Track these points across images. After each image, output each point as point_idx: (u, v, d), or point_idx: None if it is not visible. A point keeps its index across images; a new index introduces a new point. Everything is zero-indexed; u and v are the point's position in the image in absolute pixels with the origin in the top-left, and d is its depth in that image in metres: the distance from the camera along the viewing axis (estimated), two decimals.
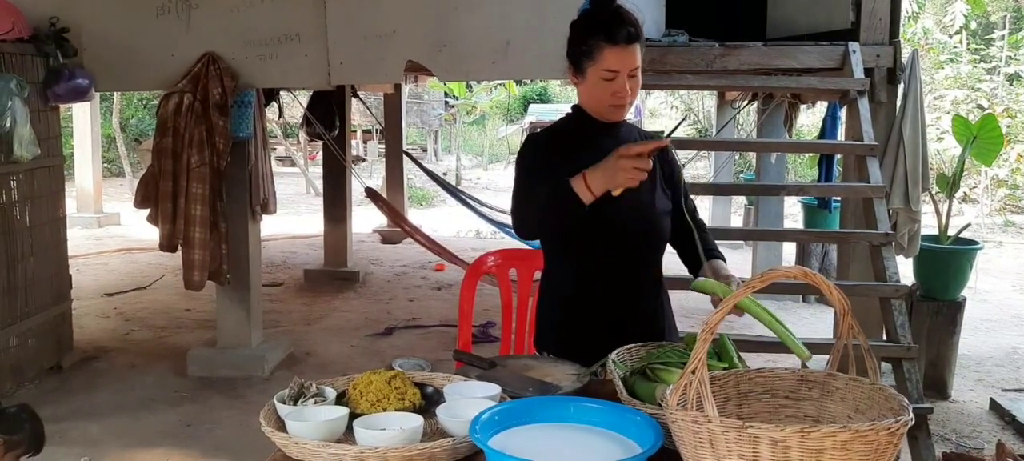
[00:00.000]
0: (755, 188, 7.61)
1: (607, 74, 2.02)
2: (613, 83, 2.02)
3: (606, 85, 2.03)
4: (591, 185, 1.94)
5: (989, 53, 11.83)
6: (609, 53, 2.00)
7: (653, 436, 1.39)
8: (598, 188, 1.95)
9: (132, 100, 14.67)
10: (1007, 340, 5.99)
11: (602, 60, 2.01)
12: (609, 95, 2.04)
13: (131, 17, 4.73)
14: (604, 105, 2.07)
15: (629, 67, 2.02)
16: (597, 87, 2.05)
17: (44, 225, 4.87)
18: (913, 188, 4.24)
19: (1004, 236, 10.18)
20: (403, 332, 6.03)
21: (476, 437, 1.38)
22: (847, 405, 1.48)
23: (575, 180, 1.96)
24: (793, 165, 12.53)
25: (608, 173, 1.92)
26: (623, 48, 2.00)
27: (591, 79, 2.05)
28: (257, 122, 5.01)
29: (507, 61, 4.54)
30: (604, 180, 1.94)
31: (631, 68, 2.02)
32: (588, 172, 1.95)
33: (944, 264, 4.98)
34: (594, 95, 2.07)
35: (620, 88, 2.03)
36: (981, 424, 4.47)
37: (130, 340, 5.73)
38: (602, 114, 2.10)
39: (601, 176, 1.94)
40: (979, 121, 5.27)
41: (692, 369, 1.28)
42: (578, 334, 2.15)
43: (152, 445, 4.05)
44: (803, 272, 1.39)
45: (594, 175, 1.94)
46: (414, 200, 12.37)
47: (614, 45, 1.99)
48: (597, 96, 2.07)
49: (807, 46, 4.28)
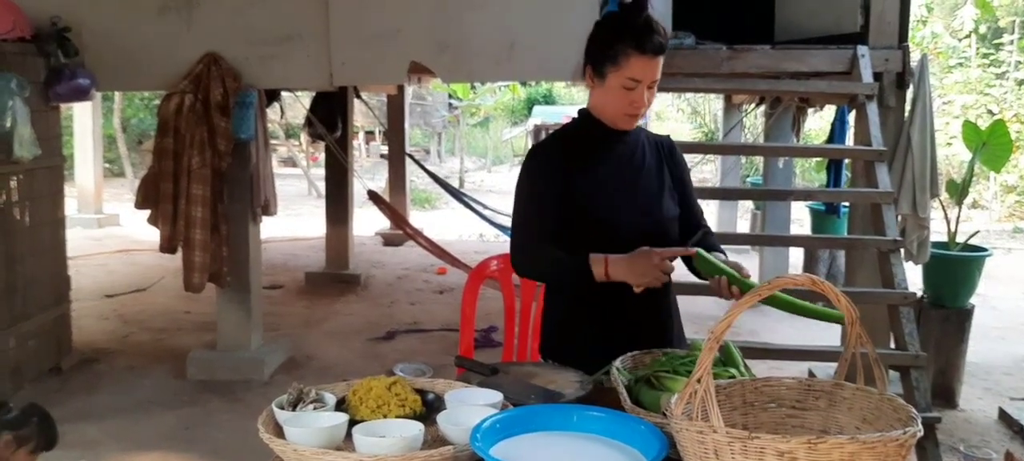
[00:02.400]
0: (762, 193, 7.56)
1: (630, 83, 1.98)
2: (634, 92, 1.99)
3: (626, 94, 1.99)
4: (611, 272, 1.95)
5: (999, 58, 11.79)
6: (636, 62, 1.96)
7: (657, 446, 1.37)
8: (618, 277, 1.95)
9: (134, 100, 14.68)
10: (1016, 348, 5.94)
11: (628, 68, 1.97)
12: (627, 103, 2.00)
13: (133, 17, 4.72)
14: (620, 113, 2.03)
15: (652, 78, 1.99)
16: (616, 93, 2.00)
17: (44, 226, 4.85)
18: (921, 194, 4.20)
19: (1013, 243, 10.12)
20: (405, 336, 5.99)
21: (477, 445, 1.36)
22: (854, 415, 1.46)
23: (595, 262, 1.96)
24: (801, 170, 12.49)
25: (637, 270, 1.93)
26: (651, 58, 1.96)
27: (611, 84, 2.00)
28: (259, 123, 4.98)
29: (511, 62, 4.51)
30: (628, 274, 1.94)
31: (653, 79, 1.99)
32: (612, 260, 1.95)
33: (953, 271, 4.93)
34: (611, 101, 2.03)
35: (639, 98, 1.99)
36: (989, 433, 4.42)
37: (129, 342, 5.70)
38: (615, 121, 2.06)
39: (626, 269, 1.94)
40: (989, 127, 5.22)
41: (697, 378, 1.25)
42: (584, 341, 2.11)
43: (151, 448, 4.02)
44: (810, 279, 1.35)
45: (618, 266, 1.94)
46: (417, 202, 12.35)
47: (643, 54, 1.95)
48: (614, 103, 2.02)
49: (815, 49, 4.24)
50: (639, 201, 2.03)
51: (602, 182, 2.05)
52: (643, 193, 1.98)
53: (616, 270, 1.94)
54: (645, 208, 2.06)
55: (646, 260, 1.91)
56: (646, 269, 1.91)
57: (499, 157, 18.43)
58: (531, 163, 2.12)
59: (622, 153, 2.08)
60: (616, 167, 2.07)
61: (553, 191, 2.04)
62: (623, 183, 2.06)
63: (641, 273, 1.92)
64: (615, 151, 2.07)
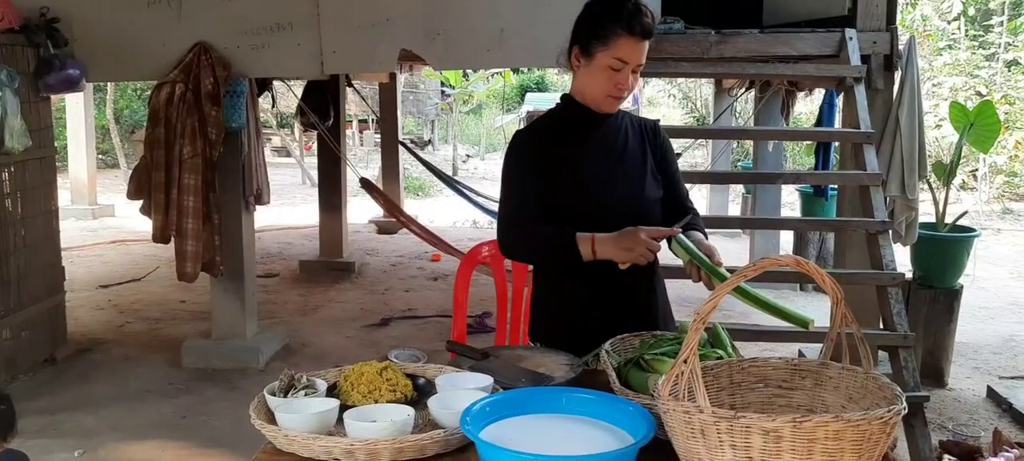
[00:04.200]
0: (752, 176, 7.60)
1: (617, 63, 2.00)
2: (619, 74, 2.01)
3: (612, 74, 2.01)
4: (598, 251, 1.98)
5: (987, 39, 11.80)
6: (625, 43, 1.98)
7: (645, 426, 1.39)
8: (605, 255, 1.98)
9: (126, 90, 14.61)
10: (1004, 328, 5.98)
11: (616, 48, 1.99)
12: (611, 85, 2.02)
13: (122, 6, 4.70)
14: (603, 94, 2.05)
15: (638, 61, 2.01)
16: (602, 74, 2.02)
17: (37, 217, 4.85)
18: (910, 176, 4.22)
19: (1002, 223, 10.17)
20: (399, 323, 6.01)
21: (467, 429, 1.38)
22: (840, 394, 1.48)
23: (582, 240, 1.99)
24: (791, 153, 12.51)
25: (623, 247, 1.96)
26: (639, 41, 1.99)
27: (598, 64, 2.02)
28: (250, 112, 4.98)
29: (502, 49, 4.51)
30: (615, 251, 1.97)
31: (639, 62, 2.02)
32: (599, 238, 1.98)
33: (941, 252, 4.97)
34: (596, 82, 2.05)
35: (624, 80, 2.01)
36: (978, 412, 4.47)
37: (125, 332, 5.71)
38: (598, 103, 2.07)
39: (613, 247, 1.97)
40: (976, 108, 5.24)
41: (684, 359, 1.27)
42: (572, 324, 2.14)
43: (147, 437, 4.04)
44: (796, 260, 1.37)
45: (605, 245, 1.98)
46: (410, 190, 12.34)
47: (632, 35, 1.98)
48: (599, 83, 2.04)
49: (804, 33, 4.25)
50: (621, 184, 2.05)
51: (585, 165, 2.07)
52: (625, 176, 2.00)
53: (603, 248, 1.98)
54: (627, 190, 2.08)
55: (633, 238, 1.95)
56: (633, 246, 1.95)
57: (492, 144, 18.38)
58: (515, 148, 2.15)
59: (605, 136, 2.10)
60: (598, 150, 2.10)
61: (537, 174, 2.07)
62: (605, 166, 2.08)
63: (627, 249, 1.96)
64: (597, 134, 2.09)
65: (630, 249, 1.96)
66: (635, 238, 1.95)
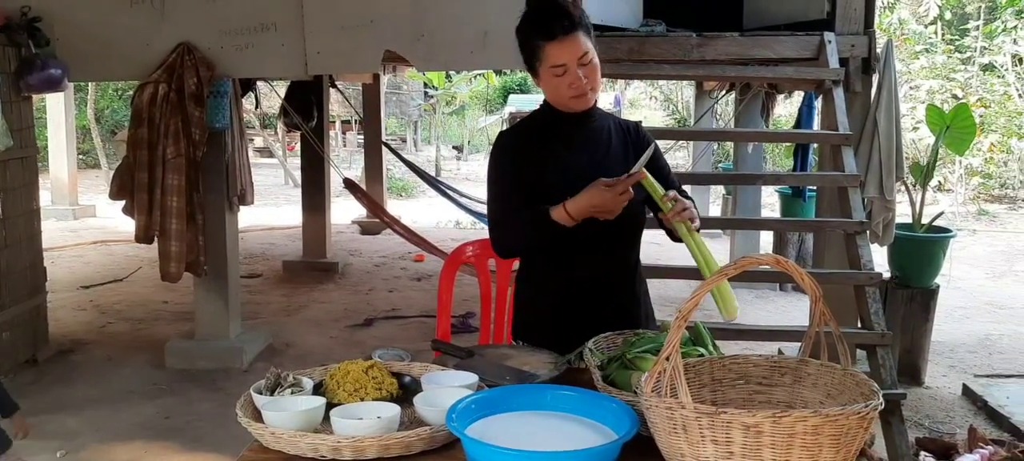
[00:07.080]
0: (733, 177, 7.65)
1: (557, 69, 2.02)
2: (566, 76, 2.02)
3: (560, 80, 2.03)
4: (573, 212, 1.98)
5: (964, 43, 11.94)
6: (551, 49, 2.00)
7: (628, 423, 1.41)
8: (581, 213, 1.99)
9: (107, 90, 14.49)
10: (980, 327, 6.07)
11: (548, 57, 2.01)
12: (565, 88, 2.04)
13: (105, 6, 4.67)
14: (565, 98, 2.07)
15: (576, 56, 2.01)
16: (553, 82, 2.05)
17: (18, 217, 4.81)
18: (888, 177, 4.28)
19: (978, 224, 10.31)
20: (383, 323, 6.02)
21: (453, 425, 1.39)
22: (819, 390, 1.51)
23: (555, 211, 2.00)
24: (771, 155, 12.61)
25: (595, 200, 1.96)
26: (562, 40, 1.99)
27: (545, 78, 2.06)
28: (233, 112, 4.97)
29: (485, 51, 4.52)
30: (589, 207, 1.97)
31: (579, 56, 2.01)
32: (569, 203, 1.99)
33: (918, 252, 5.04)
34: (552, 89, 2.07)
35: (574, 79, 2.02)
36: (954, 409, 4.54)
37: (107, 333, 5.68)
38: (566, 106, 2.10)
39: (586, 204, 1.97)
40: (952, 111, 5.32)
41: (666, 356, 1.29)
42: (555, 323, 2.16)
43: (130, 438, 4.03)
44: (775, 259, 1.40)
45: (577, 204, 1.98)
46: (394, 191, 12.33)
47: (553, 40, 1.99)
48: (556, 90, 2.06)
49: (783, 36, 4.30)
50: None
51: (568, 165, 2.09)
52: (608, 176, 2.02)
53: (576, 208, 1.98)
54: None
55: (600, 191, 1.96)
56: (604, 197, 1.96)
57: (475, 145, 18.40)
58: (499, 149, 2.17)
59: (588, 137, 2.13)
60: (581, 151, 2.12)
61: (521, 174, 2.09)
62: (589, 166, 2.10)
63: (601, 201, 1.96)
64: (580, 135, 2.12)
65: (604, 201, 1.96)
66: (601, 190, 1.95)
